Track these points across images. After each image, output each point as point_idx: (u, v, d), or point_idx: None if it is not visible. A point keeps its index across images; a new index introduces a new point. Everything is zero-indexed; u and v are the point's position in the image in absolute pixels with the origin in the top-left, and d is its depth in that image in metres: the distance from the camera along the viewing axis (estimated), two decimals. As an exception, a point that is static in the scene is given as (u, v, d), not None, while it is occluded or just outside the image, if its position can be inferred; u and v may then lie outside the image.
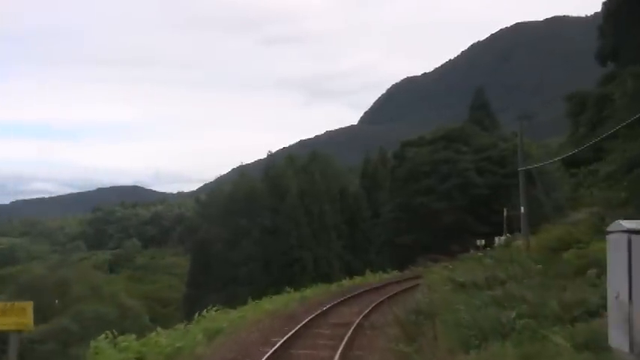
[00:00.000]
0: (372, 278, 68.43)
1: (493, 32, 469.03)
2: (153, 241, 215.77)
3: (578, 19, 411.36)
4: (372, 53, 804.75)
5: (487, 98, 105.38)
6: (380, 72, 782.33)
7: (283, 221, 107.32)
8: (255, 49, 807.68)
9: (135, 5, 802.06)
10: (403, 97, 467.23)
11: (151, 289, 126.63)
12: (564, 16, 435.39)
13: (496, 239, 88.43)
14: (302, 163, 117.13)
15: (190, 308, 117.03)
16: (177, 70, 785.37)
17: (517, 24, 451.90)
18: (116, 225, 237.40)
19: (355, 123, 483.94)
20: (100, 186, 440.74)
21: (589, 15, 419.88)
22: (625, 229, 12.85)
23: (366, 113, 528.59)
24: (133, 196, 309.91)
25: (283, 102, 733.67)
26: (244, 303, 43.70)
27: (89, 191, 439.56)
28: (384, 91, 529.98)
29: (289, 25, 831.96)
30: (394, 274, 71.96)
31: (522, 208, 56.25)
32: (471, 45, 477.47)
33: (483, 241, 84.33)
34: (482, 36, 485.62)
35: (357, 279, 67.97)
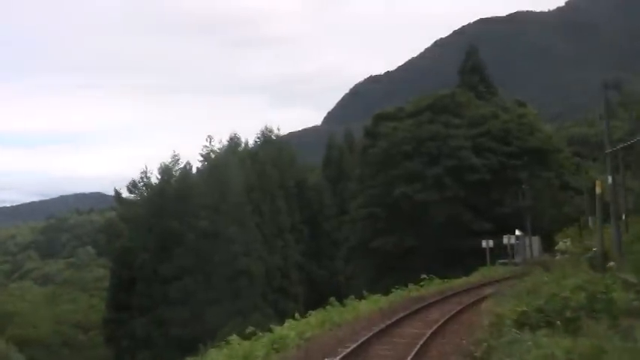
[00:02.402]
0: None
1: (456, 29, 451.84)
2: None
3: (541, 14, 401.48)
4: (336, 55, 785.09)
5: (482, 59, 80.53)
6: (344, 73, 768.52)
7: (225, 223, 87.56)
8: (219, 52, 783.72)
9: (98, 11, 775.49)
10: (367, 96, 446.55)
11: (69, 310, 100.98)
12: (527, 11, 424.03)
13: (505, 239, 62.70)
14: (249, 150, 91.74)
15: (112, 334, 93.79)
16: (142, 76, 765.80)
17: (480, 20, 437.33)
18: (70, 233, 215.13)
19: (319, 124, 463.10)
20: (62, 194, 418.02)
21: (552, 10, 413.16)
22: None
23: (329, 113, 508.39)
24: (97, 202, 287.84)
25: (248, 105, 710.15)
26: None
27: (52, 199, 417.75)
28: (347, 92, 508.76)
29: (253, 28, 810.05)
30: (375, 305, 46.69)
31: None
32: (434, 42, 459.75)
33: (491, 243, 58.58)
34: (446, 33, 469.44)
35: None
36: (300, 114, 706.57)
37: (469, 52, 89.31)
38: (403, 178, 75.87)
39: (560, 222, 77.62)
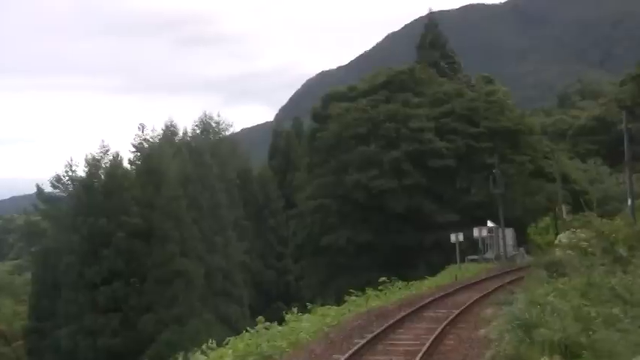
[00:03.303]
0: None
1: (407, 22, 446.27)
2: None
3: (492, 7, 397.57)
4: (289, 51, 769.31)
5: (443, 33, 70.60)
6: (296, 69, 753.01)
7: (159, 220, 76.08)
8: (171, 51, 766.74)
9: (47, 12, 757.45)
10: (319, 91, 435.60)
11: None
12: (479, 4, 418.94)
13: (475, 232, 60.29)
14: (185, 139, 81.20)
15: (35, 346, 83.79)
16: (94, 76, 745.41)
17: (431, 13, 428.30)
18: (17, 233, 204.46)
19: (271, 119, 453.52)
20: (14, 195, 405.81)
21: (503, 2, 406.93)
22: None
23: (282, 109, 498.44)
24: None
25: (202, 104, 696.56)
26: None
27: (2, 200, 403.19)
28: (300, 87, 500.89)
29: (204, 26, 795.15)
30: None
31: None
32: (386, 36, 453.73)
33: (461, 237, 55.61)
34: (397, 27, 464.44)
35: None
36: (254, 111, 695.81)
37: (428, 25, 79.09)
38: (356, 165, 65.60)
39: (534, 212, 68.25)
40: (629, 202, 41.31)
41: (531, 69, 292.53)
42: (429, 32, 77.84)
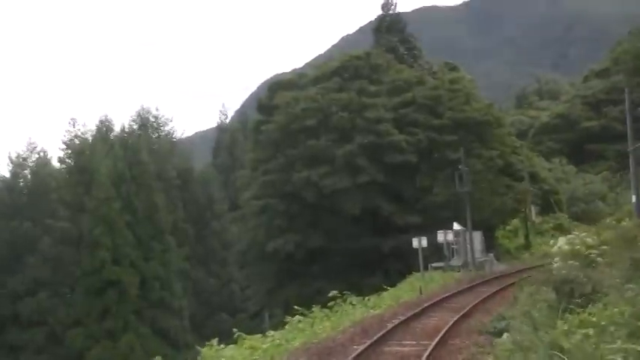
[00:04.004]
0: None
1: (362, 25, 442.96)
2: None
3: (446, 9, 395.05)
4: (242, 54, 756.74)
5: (402, 17, 63.19)
6: (251, 72, 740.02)
7: (90, 223, 69.48)
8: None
9: None
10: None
11: None
12: (433, 6, 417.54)
13: (440, 236, 52.58)
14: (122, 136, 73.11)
15: None
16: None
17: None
18: None
19: (227, 122, 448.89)
20: None
21: (458, 4, 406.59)
22: None
23: (236, 112, 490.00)
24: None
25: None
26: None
27: None
28: (255, 90, 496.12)
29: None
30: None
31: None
32: (341, 38, 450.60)
33: (424, 241, 47.50)
34: (352, 29, 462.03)
35: None
36: (208, 113, 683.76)
37: (385, 5, 71.33)
38: (305, 160, 57.63)
39: (502, 213, 61.13)
40: (634, 198, 34.02)
41: (486, 70, 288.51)
42: (386, 15, 70.19)
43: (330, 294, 36.32)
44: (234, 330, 27.26)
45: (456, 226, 51.42)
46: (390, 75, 62.20)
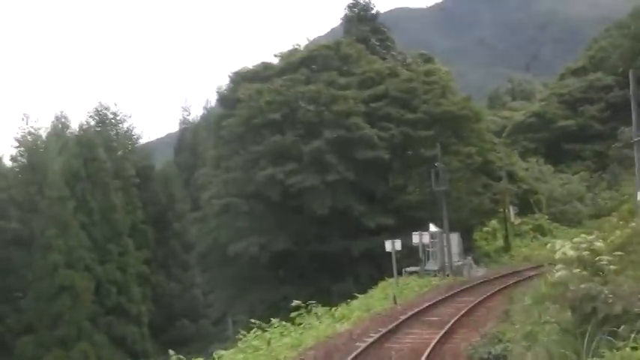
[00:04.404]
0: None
1: (334, 27, 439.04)
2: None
3: (418, 11, 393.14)
4: (209, 53, 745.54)
5: (374, 4, 59.41)
6: (215, 74, 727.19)
7: (42, 224, 64.36)
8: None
9: None
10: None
11: None
12: (404, 7, 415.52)
13: (415, 238, 47.74)
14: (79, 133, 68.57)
15: None
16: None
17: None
18: None
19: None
20: None
21: (429, 6, 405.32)
22: None
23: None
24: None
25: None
26: None
27: None
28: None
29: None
30: None
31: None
32: (312, 40, 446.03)
33: (398, 244, 42.71)
34: (324, 31, 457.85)
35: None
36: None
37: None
38: (270, 157, 53.07)
39: (480, 214, 57.20)
40: (639, 195, 30.00)
41: (459, 72, 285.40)
42: (356, 3, 65.70)
43: (294, 303, 32.14)
44: (171, 353, 23.02)
45: (431, 227, 47.29)
46: (360, 66, 57.78)
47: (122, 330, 66.28)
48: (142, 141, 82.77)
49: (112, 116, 78.45)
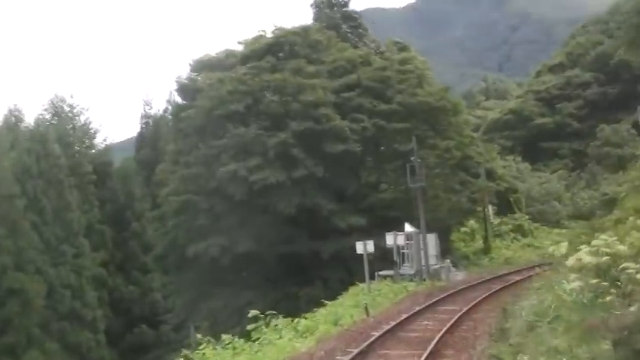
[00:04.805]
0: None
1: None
2: None
3: (391, 11, 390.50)
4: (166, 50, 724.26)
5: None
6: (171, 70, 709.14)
7: None
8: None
9: None
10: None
11: None
12: (378, 8, 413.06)
13: (389, 239, 43.50)
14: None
15: None
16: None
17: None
18: None
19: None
20: None
21: (402, 6, 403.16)
22: None
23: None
24: None
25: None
26: None
27: None
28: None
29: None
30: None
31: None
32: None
33: (371, 246, 38.48)
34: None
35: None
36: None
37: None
38: (232, 151, 48.48)
39: (459, 213, 53.10)
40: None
41: (432, 72, 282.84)
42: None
43: (251, 314, 27.77)
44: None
45: (407, 227, 43.00)
46: (331, 54, 53.25)
47: (76, 337, 61.23)
48: (106, 142, 77.92)
49: (68, 109, 73.25)
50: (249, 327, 27.02)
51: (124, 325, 68.47)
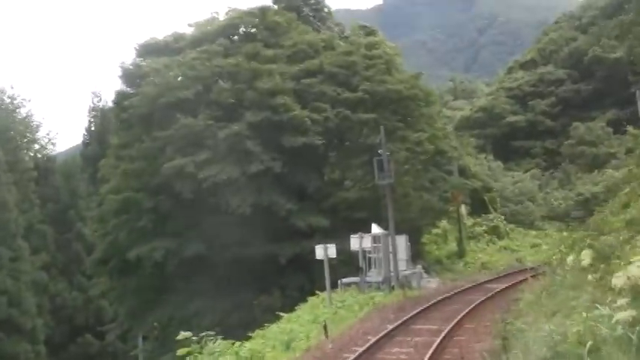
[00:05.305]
0: None
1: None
2: None
3: (358, 12, 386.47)
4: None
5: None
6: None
7: None
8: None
9: None
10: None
11: None
12: (344, 9, 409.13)
13: (354, 242, 37.02)
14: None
15: None
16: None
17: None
18: None
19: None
20: None
21: (369, 8, 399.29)
22: None
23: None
24: None
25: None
26: None
27: None
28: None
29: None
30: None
31: None
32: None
33: (333, 250, 32.65)
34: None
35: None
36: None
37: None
38: (179, 144, 42.86)
39: (431, 213, 48.00)
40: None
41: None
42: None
43: (180, 336, 22.30)
44: None
45: (374, 228, 37.65)
46: (291, 37, 47.76)
47: (13, 347, 55.23)
48: (49, 136, 71.57)
49: (8, 100, 66.93)
50: (180, 352, 21.59)
51: (67, 334, 62.48)
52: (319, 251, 32.00)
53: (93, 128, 72.51)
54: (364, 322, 25.13)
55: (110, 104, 73.35)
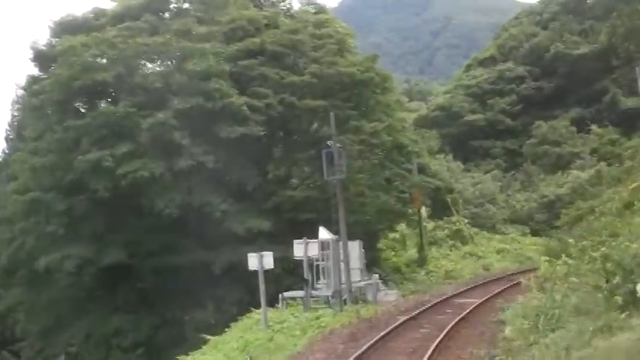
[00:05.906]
0: None
1: None
2: None
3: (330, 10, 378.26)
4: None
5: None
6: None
7: None
8: None
9: None
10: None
11: None
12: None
13: (298, 249, 32.43)
14: None
15: None
16: None
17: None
18: None
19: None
20: None
21: (336, 6, 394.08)
22: None
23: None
24: None
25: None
26: None
27: None
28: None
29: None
30: None
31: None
32: None
33: (269, 259, 27.02)
34: None
35: None
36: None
37: None
38: (96, 135, 36.34)
39: (388, 215, 42.12)
40: None
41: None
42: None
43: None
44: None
45: (322, 233, 31.51)
46: (228, 13, 41.51)
47: None
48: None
49: None
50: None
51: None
52: (252, 261, 25.86)
53: (16, 123, 65.41)
54: (303, 357, 18.89)
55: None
